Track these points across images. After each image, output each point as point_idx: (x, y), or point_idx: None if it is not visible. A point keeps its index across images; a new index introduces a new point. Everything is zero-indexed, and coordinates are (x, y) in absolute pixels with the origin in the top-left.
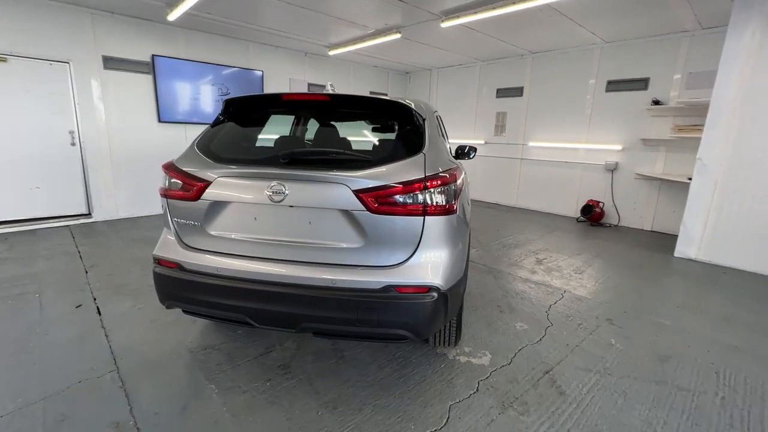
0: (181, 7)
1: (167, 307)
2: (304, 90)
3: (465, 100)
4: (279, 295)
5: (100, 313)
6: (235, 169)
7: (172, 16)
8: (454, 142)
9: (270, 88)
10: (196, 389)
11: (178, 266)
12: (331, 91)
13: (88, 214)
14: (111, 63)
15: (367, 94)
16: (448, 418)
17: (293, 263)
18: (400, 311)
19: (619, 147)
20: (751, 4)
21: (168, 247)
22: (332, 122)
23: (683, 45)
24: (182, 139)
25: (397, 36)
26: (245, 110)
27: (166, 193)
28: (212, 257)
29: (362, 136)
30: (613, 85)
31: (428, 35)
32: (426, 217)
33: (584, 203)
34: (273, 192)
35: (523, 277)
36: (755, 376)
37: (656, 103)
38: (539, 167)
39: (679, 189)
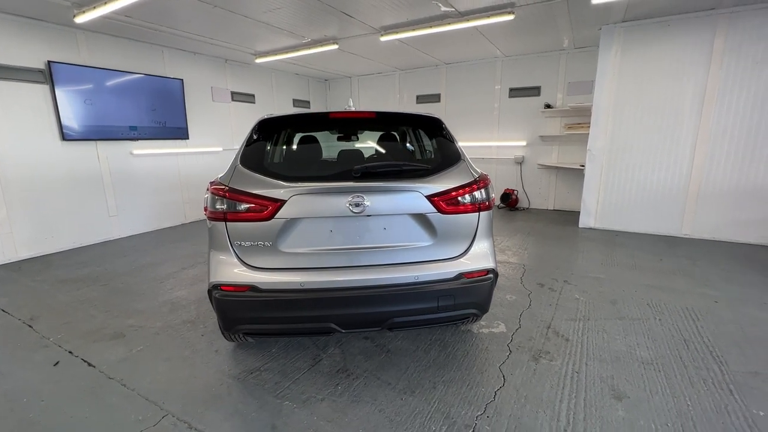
0: (99, 9)
1: (232, 333)
2: (228, 98)
3: (387, 106)
4: (368, 298)
5: (92, 366)
6: (309, 186)
7: (83, 18)
8: None
9: (192, 97)
10: (272, 409)
11: (251, 288)
12: (352, 108)
13: None
14: None
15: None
16: (504, 376)
17: (374, 267)
18: (471, 293)
19: (524, 143)
20: (613, 31)
21: (230, 271)
22: (378, 136)
23: (562, 60)
24: (94, 159)
25: (335, 47)
26: (285, 129)
27: (225, 217)
28: (290, 273)
29: (403, 148)
30: (515, 92)
31: (364, 47)
32: (480, 212)
33: (502, 192)
34: (353, 204)
35: None
36: (669, 301)
37: (548, 106)
38: None
39: (571, 174)
